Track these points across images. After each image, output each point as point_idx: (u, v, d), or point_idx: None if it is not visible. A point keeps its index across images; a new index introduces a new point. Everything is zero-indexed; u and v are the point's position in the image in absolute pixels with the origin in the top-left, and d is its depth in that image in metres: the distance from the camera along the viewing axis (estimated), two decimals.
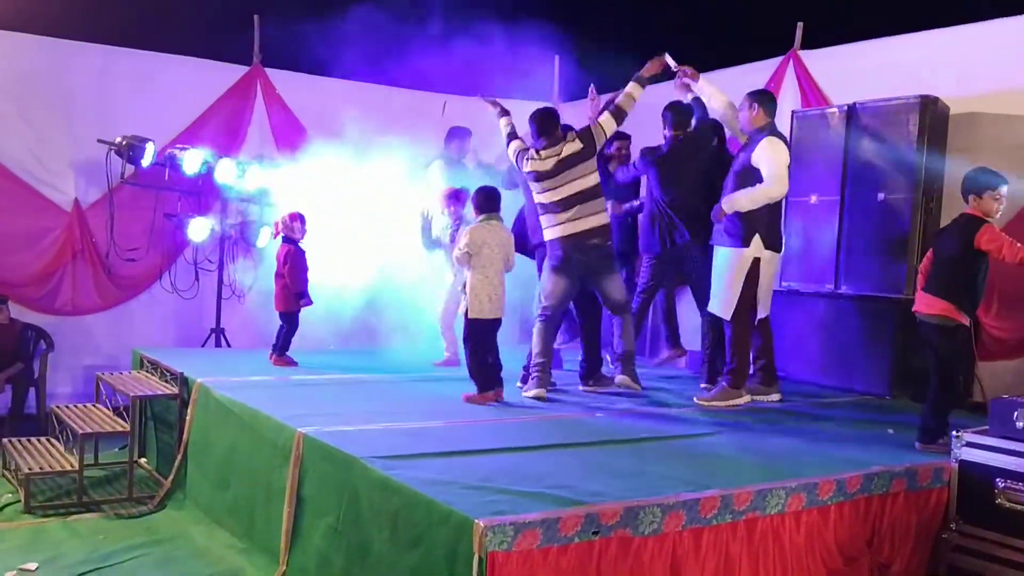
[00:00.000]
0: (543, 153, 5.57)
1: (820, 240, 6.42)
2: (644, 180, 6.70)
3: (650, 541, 3.25)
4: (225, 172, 7.41)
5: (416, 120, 8.78)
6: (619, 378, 5.74)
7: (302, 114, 8.24)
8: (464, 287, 5.40)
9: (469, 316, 5.31)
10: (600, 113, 5.76)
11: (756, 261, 5.50)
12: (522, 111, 8.59)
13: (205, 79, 7.85)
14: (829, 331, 6.41)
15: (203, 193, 7.64)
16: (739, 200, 5.45)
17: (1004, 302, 5.79)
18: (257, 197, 7.81)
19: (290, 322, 6.48)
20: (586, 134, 5.59)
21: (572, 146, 5.54)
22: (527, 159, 5.63)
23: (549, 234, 5.64)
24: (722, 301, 5.58)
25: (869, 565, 3.89)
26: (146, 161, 7.11)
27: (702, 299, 6.10)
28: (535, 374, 5.60)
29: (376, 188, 8.42)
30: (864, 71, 6.58)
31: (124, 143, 7.08)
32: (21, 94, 7.18)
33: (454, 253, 5.54)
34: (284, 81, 8.16)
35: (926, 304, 4.53)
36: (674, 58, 5.91)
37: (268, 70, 8.09)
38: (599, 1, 9.58)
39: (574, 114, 8.95)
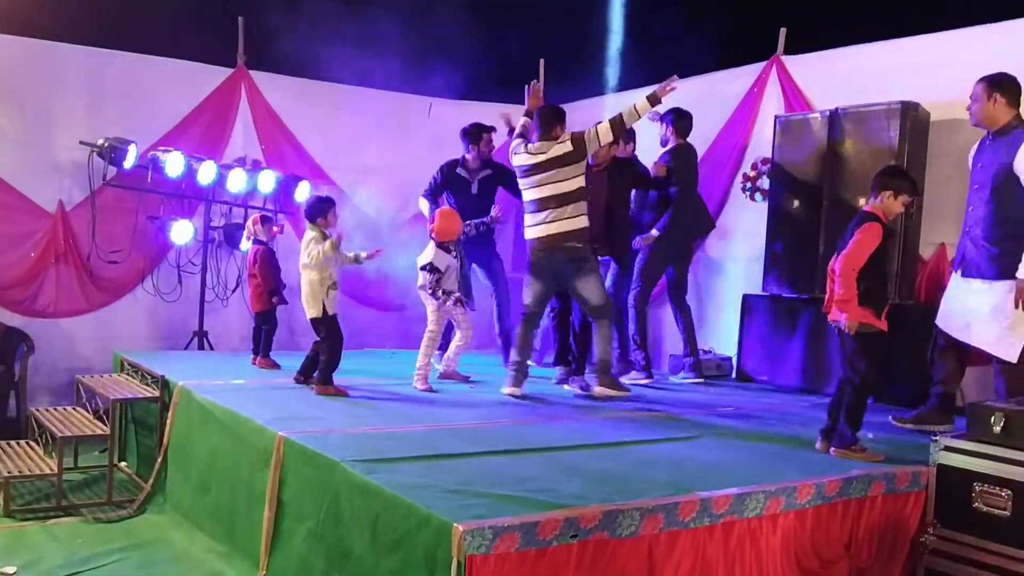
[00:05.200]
0: (532, 148, 5.60)
1: (802, 246, 6.45)
2: None
3: (626, 543, 3.26)
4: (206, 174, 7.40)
5: (402, 123, 8.82)
6: (597, 390, 5.68)
7: (286, 116, 8.22)
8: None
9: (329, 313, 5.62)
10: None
11: None
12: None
13: (189, 81, 7.82)
14: (812, 336, 6.45)
15: (186, 195, 7.61)
16: None
17: None
18: (241, 200, 7.82)
19: (268, 321, 6.50)
20: (578, 139, 5.55)
21: (562, 147, 5.52)
22: (516, 152, 5.68)
23: (526, 233, 5.73)
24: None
25: (847, 568, 3.91)
26: (128, 163, 7.07)
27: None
28: (511, 371, 5.70)
29: (363, 190, 8.47)
30: (846, 77, 6.62)
31: (106, 145, 7.04)
32: (4, 95, 7.13)
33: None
34: (268, 83, 8.14)
35: (837, 309, 4.33)
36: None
37: (252, 72, 8.07)
38: (584, 5, 9.59)
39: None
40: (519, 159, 5.67)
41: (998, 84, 4.84)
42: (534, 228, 5.64)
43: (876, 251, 4.30)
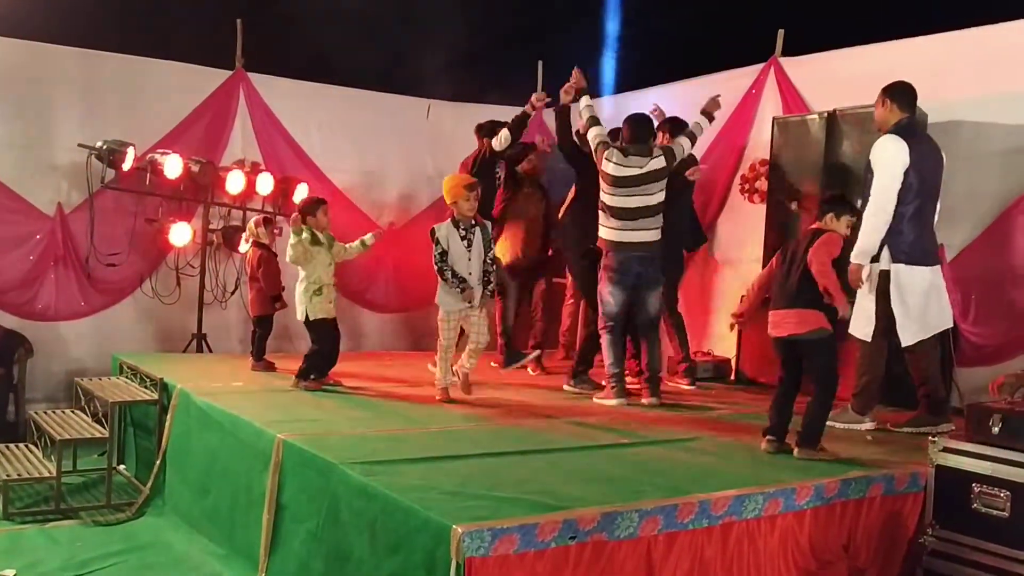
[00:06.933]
0: (629, 160, 5.65)
1: None
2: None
3: (624, 544, 3.26)
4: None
5: (401, 124, 8.82)
6: (649, 400, 5.72)
7: (285, 119, 8.22)
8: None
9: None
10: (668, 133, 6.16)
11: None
12: (505, 115, 8.66)
13: (188, 83, 7.81)
14: None
15: (184, 198, 7.61)
16: (864, 249, 5.00)
17: (981, 309, 5.84)
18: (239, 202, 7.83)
19: (264, 325, 6.50)
20: (668, 153, 5.71)
21: (657, 162, 5.65)
22: (607, 159, 5.65)
23: (611, 236, 5.69)
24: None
25: (845, 569, 3.92)
26: (127, 165, 7.07)
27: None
28: (612, 385, 5.72)
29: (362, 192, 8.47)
30: (844, 78, 6.62)
31: (105, 147, 7.04)
32: (2, 98, 7.13)
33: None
34: (267, 86, 8.14)
35: (797, 322, 4.39)
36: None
37: (251, 75, 8.06)
38: (583, 6, 9.61)
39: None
40: (612, 168, 5.64)
41: (889, 90, 5.21)
42: (622, 233, 5.67)
43: (834, 261, 4.38)
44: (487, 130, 6.97)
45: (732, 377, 7.08)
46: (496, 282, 5.79)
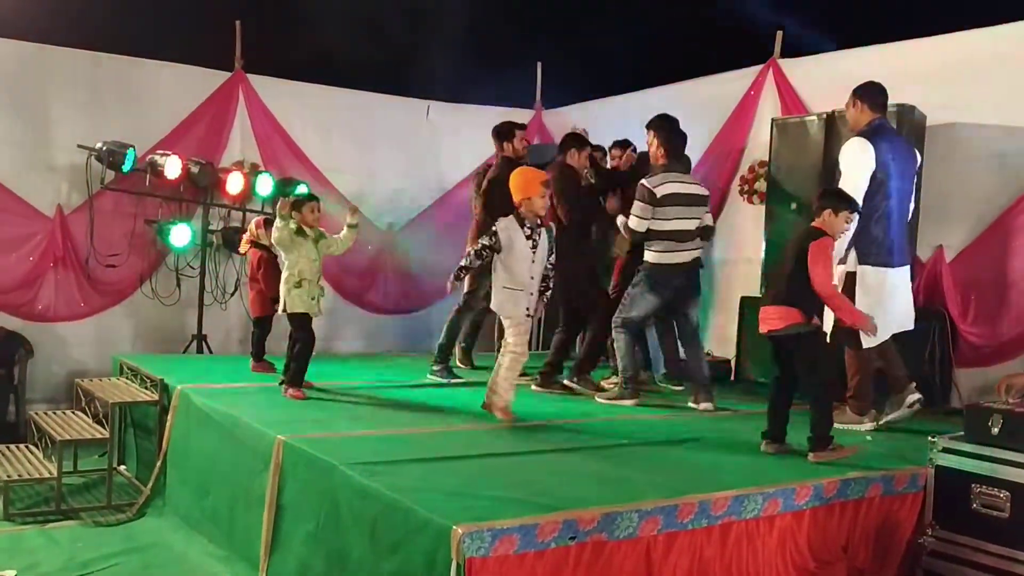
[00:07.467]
0: (684, 178, 5.77)
1: None
2: None
3: (623, 545, 3.27)
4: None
5: (400, 125, 8.84)
6: (705, 405, 5.71)
7: (284, 120, 8.23)
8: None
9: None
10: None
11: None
12: (503, 117, 8.67)
13: (187, 85, 7.83)
14: None
15: (184, 199, 7.61)
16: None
17: (981, 310, 5.86)
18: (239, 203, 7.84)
19: (264, 326, 6.50)
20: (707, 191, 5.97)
21: (702, 189, 5.85)
22: (662, 183, 5.61)
23: (661, 259, 5.69)
24: None
25: (844, 569, 3.92)
26: (127, 167, 7.08)
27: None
28: (627, 387, 5.75)
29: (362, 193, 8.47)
30: (842, 80, 6.60)
31: (105, 148, 7.06)
32: (3, 99, 7.13)
33: None
34: (266, 87, 8.15)
35: (777, 318, 4.39)
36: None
37: (250, 76, 8.07)
38: (582, 9, 9.63)
39: (558, 120, 9.07)
40: (671, 187, 5.62)
41: (860, 90, 5.20)
42: (674, 255, 5.70)
43: (805, 264, 4.37)
44: (505, 132, 6.82)
45: (732, 378, 7.09)
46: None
